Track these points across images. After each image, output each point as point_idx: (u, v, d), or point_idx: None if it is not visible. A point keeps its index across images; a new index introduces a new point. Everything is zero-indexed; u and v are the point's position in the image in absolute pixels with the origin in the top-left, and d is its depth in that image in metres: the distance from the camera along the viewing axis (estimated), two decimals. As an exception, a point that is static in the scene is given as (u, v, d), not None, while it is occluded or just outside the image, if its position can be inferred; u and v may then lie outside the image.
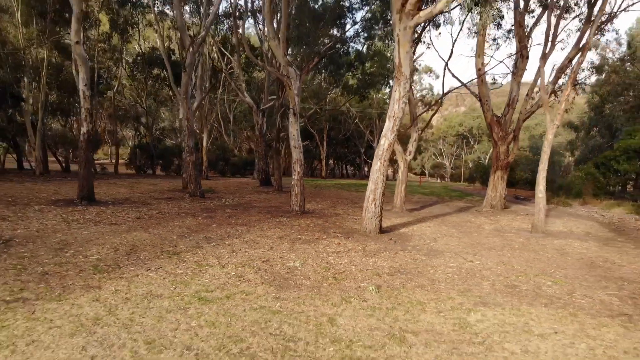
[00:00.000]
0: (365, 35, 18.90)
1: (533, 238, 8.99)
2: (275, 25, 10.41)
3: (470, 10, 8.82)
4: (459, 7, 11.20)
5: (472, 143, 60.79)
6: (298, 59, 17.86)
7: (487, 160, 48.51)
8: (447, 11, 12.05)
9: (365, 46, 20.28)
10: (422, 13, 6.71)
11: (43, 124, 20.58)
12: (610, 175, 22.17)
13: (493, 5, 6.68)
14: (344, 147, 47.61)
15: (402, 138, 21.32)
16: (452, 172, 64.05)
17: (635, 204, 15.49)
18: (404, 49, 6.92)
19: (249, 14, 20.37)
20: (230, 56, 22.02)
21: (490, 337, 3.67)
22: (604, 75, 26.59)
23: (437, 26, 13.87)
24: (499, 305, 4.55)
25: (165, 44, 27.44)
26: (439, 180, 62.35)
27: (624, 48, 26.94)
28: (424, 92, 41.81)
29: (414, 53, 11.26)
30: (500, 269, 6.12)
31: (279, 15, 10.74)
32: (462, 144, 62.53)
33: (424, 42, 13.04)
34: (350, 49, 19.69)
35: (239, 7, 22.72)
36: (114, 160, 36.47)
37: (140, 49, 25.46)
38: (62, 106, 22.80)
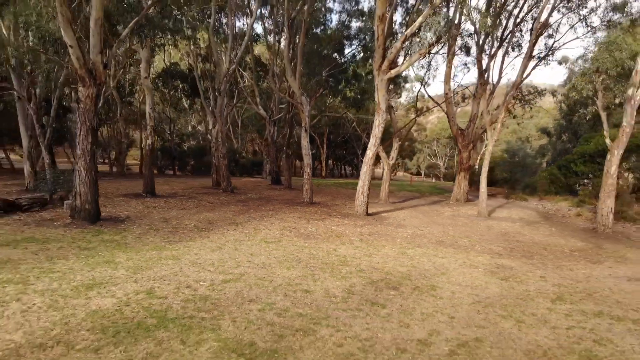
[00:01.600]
0: (361, 55, 22.55)
1: (475, 220, 12.65)
2: (291, 64, 14.01)
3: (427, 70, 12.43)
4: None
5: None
6: (304, 79, 21.44)
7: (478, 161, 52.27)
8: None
9: (360, 66, 23.87)
10: (392, 71, 10.28)
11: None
12: (571, 175, 25.87)
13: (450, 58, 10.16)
14: (342, 149, 51.22)
15: (391, 144, 24.79)
16: (445, 172, 67.76)
17: (576, 198, 19.11)
18: (381, 93, 10.50)
19: (262, 37, 23.98)
20: (243, 72, 25.57)
21: (414, 256, 7.32)
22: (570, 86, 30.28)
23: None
24: (426, 247, 8.20)
25: (185, 60, 31.15)
26: (433, 180, 65.99)
27: (589, 64, 30.66)
28: (418, 95, 45.27)
29: (395, 83, 14.80)
30: (439, 234, 9.78)
31: (294, 52, 14.31)
32: (455, 145, 65.76)
33: (402, 75, 16.66)
34: (348, 68, 23.28)
35: (253, 29, 26.25)
36: (129, 161, 40.19)
37: (165, 64, 28.99)
38: (98, 115, 26.33)
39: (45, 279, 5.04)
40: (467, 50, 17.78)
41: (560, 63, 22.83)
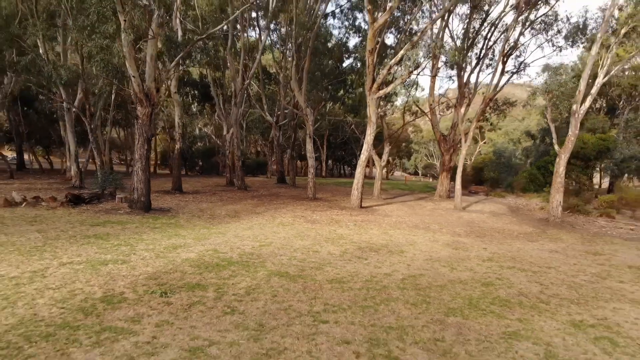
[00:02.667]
0: (358, 66, 25.14)
1: (450, 212, 15.24)
2: (295, 79, 16.61)
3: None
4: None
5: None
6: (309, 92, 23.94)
7: (471, 162, 54.94)
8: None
9: (358, 75, 26.46)
10: (380, 92, 12.86)
11: (110, 134, 26.62)
12: (549, 175, 28.46)
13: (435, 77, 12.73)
14: (342, 150, 53.77)
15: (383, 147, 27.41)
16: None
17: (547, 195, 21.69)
18: (372, 109, 13.06)
19: (269, 50, 26.56)
20: (251, 81, 28.11)
21: (393, 235, 9.92)
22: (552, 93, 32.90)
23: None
24: (404, 229, 10.80)
25: (196, 68, 33.68)
26: (430, 180, 68.57)
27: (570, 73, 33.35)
28: (410, 102, 47.84)
29: (385, 97, 17.39)
30: (416, 222, 12.37)
31: (297, 68, 16.90)
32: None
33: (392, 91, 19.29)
34: (346, 79, 25.86)
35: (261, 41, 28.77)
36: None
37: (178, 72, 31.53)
38: (119, 121, 28.90)
39: (142, 244, 7.61)
40: (452, 65, 20.35)
41: (543, 71, 25.49)
